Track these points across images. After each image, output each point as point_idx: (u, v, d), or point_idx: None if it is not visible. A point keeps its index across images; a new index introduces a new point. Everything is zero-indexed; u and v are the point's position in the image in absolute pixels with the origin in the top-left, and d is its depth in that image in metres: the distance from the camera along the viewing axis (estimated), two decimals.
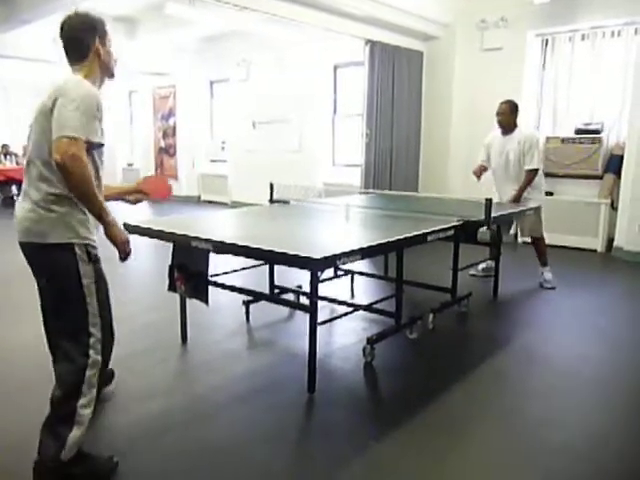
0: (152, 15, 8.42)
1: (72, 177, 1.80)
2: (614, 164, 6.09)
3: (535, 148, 4.49)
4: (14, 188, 10.59)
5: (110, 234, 1.97)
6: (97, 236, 2.03)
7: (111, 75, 2.14)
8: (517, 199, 4.53)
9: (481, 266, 4.93)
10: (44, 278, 1.99)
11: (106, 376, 2.43)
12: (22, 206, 1.95)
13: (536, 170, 4.51)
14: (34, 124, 1.93)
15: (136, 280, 5.11)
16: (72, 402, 1.91)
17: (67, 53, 2.02)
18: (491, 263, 4.87)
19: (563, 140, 6.30)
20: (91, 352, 1.95)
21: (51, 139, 1.82)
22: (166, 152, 11.29)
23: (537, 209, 4.49)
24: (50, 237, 1.89)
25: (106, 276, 2.10)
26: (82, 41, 2.00)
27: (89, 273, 1.95)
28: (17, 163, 11.14)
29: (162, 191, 2.64)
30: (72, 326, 1.95)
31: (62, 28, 2.01)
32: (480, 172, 4.82)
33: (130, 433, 2.31)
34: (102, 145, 1.95)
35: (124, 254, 2.03)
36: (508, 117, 4.59)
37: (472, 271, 4.77)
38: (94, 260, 1.98)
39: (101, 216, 1.93)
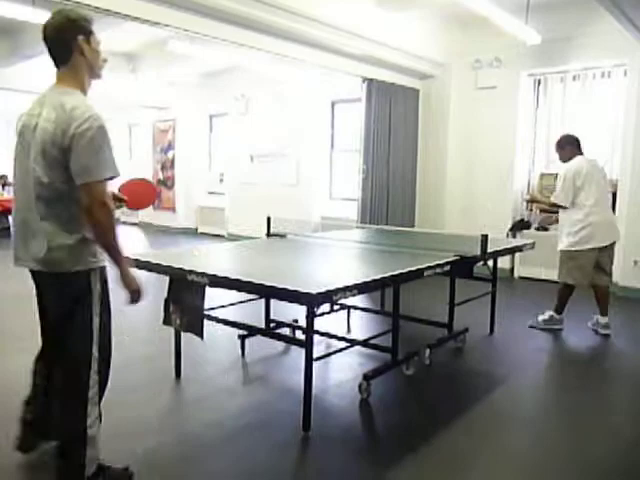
0: (154, 51, 8.61)
1: (98, 224, 1.88)
2: None
3: (562, 182, 4.31)
4: (10, 219, 10.60)
5: (124, 281, 2.01)
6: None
7: (97, 76, 2.05)
8: (533, 200, 4.74)
9: (540, 317, 4.54)
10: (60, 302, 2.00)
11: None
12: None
13: (558, 205, 4.35)
14: (37, 149, 1.89)
15: (131, 312, 5.05)
16: (80, 425, 1.95)
17: (51, 54, 1.96)
18: (552, 314, 4.50)
19: (557, 177, 6.36)
20: (91, 372, 1.99)
21: (65, 173, 1.86)
22: (164, 184, 11.36)
23: (563, 253, 4.33)
24: (68, 266, 1.93)
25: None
26: (63, 39, 1.92)
27: (97, 296, 2.01)
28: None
29: (144, 201, 2.63)
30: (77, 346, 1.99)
31: (44, 29, 1.94)
32: None
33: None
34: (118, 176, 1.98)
35: (136, 300, 2.08)
36: (559, 152, 4.54)
37: (530, 322, 4.53)
38: (103, 281, 2.05)
39: (117, 260, 1.97)
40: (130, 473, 2.17)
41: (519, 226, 4.63)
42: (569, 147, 4.45)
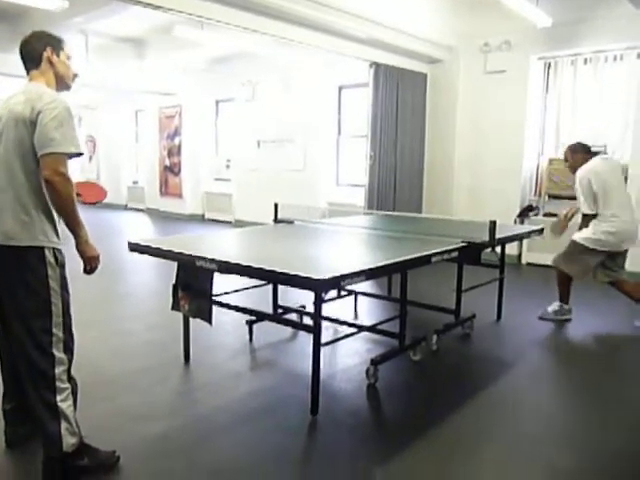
0: (160, 36, 8.54)
1: (58, 194, 1.95)
2: None
3: (582, 190, 4.05)
4: None
5: (80, 249, 2.07)
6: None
7: (66, 87, 2.25)
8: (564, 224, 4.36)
9: (550, 308, 4.41)
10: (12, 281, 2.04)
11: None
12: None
13: (590, 215, 4.08)
14: (6, 131, 2.01)
15: (140, 298, 5.10)
16: (51, 400, 2.02)
17: (25, 65, 2.17)
18: (560, 304, 4.37)
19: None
20: (54, 351, 2.04)
21: (31, 149, 1.95)
22: (171, 171, 11.35)
23: (574, 244, 4.18)
24: (23, 240, 1.99)
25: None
26: (33, 49, 2.15)
27: (56, 276, 2.04)
28: None
29: (96, 194, 2.65)
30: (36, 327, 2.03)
31: (20, 46, 2.17)
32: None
33: (129, 455, 2.28)
34: (81, 154, 2.04)
35: (90, 269, 2.14)
36: (569, 161, 4.26)
37: (540, 313, 4.41)
38: (61, 264, 2.07)
39: (76, 230, 2.04)
40: (116, 457, 2.22)
41: (527, 212, 4.58)
42: (581, 154, 4.20)
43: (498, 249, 4.12)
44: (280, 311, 3.94)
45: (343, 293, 4.41)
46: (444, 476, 2.22)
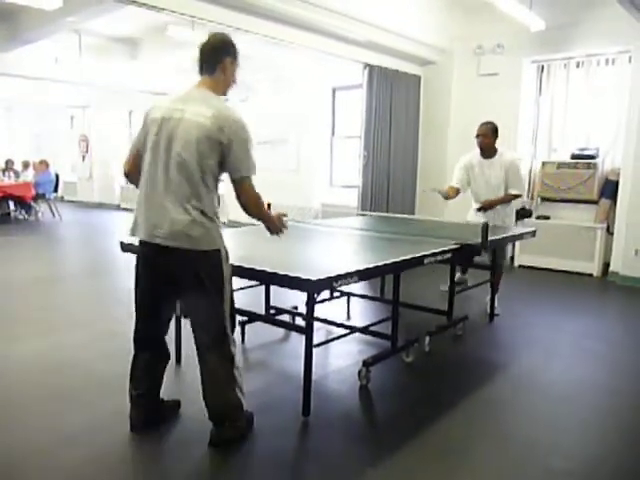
0: (153, 36, 8.54)
1: (253, 209, 2.42)
2: (609, 189, 6.14)
3: (520, 172, 4.44)
4: (11, 204, 10.57)
5: (272, 229, 2.54)
6: None
7: (225, 93, 2.46)
8: (490, 206, 4.40)
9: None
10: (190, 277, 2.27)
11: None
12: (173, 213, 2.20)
13: (519, 196, 4.49)
14: (186, 138, 2.17)
15: (132, 299, 5.06)
16: (232, 372, 2.36)
17: (201, 65, 2.35)
18: (462, 277, 4.81)
19: (559, 165, 6.35)
20: (228, 332, 2.36)
21: (210, 164, 2.20)
22: None
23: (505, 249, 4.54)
24: (203, 244, 2.22)
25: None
26: (216, 55, 2.31)
27: (227, 270, 2.31)
28: (17, 178, 11.14)
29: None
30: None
31: (203, 45, 2.33)
32: (452, 195, 4.52)
33: (121, 455, 2.26)
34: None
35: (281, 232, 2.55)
36: (489, 139, 4.40)
37: (443, 287, 4.50)
38: (228, 259, 2.34)
39: (267, 222, 2.53)
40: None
41: (520, 214, 4.62)
42: (495, 137, 4.45)
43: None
44: (272, 312, 3.93)
45: (336, 294, 4.41)
46: (436, 478, 2.22)
